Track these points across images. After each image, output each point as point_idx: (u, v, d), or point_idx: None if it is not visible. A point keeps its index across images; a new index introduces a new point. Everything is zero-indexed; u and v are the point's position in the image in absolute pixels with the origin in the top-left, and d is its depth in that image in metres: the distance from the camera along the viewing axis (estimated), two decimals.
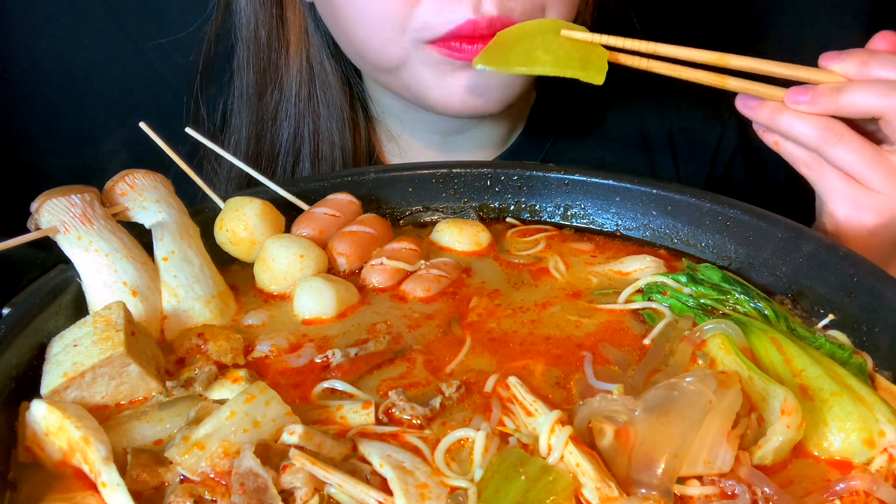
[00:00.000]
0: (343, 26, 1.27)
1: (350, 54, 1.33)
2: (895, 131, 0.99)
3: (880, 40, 1.04)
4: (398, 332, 0.92)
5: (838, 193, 1.03)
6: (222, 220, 1.02)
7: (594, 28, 1.12)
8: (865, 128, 1.03)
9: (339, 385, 0.83)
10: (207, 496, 0.68)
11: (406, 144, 1.47)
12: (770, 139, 1.07)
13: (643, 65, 1.08)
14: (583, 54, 1.09)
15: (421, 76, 1.23)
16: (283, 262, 0.97)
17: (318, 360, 0.87)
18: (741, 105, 1.07)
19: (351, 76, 1.43)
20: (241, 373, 0.82)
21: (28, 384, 0.79)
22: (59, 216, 0.89)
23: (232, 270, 1.02)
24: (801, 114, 1.01)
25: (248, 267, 1.02)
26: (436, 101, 1.26)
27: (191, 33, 1.48)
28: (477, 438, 0.74)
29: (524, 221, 1.16)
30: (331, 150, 1.41)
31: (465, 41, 1.16)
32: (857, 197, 1.01)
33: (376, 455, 0.72)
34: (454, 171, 1.16)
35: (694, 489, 0.69)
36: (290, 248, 0.98)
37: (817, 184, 1.05)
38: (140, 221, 0.96)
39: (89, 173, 1.01)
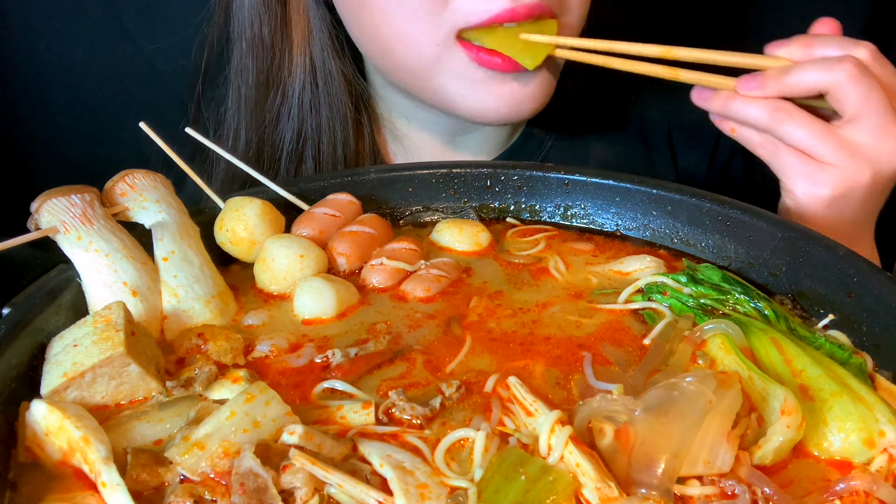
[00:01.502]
0: (375, 22, 1.23)
1: (375, 54, 1.30)
2: (842, 104, 1.02)
3: (821, 25, 1.09)
4: (398, 332, 0.92)
5: (794, 170, 1.06)
6: (222, 220, 1.02)
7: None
8: (815, 111, 1.06)
9: (339, 385, 0.83)
10: (207, 496, 0.68)
11: (411, 144, 1.47)
12: (727, 127, 1.11)
13: (600, 61, 1.15)
14: (528, 44, 1.18)
15: (451, 86, 1.23)
16: (283, 262, 0.97)
17: (318, 360, 0.87)
18: (696, 97, 1.12)
19: (355, 76, 1.42)
20: (241, 373, 0.82)
21: (28, 384, 0.79)
22: (59, 216, 0.89)
23: (232, 270, 1.03)
24: (752, 98, 1.05)
25: (248, 267, 1.02)
26: (467, 111, 1.25)
27: (191, 34, 1.48)
28: (477, 438, 0.74)
29: (524, 221, 1.16)
30: (334, 151, 1.41)
31: (496, 55, 1.17)
32: (812, 172, 1.05)
33: (376, 455, 0.72)
34: (454, 171, 1.16)
35: (694, 489, 0.69)
36: (290, 248, 0.98)
37: (773, 164, 1.09)
38: (140, 221, 0.96)
39: (89, 173, 1.01)
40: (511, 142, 1.49)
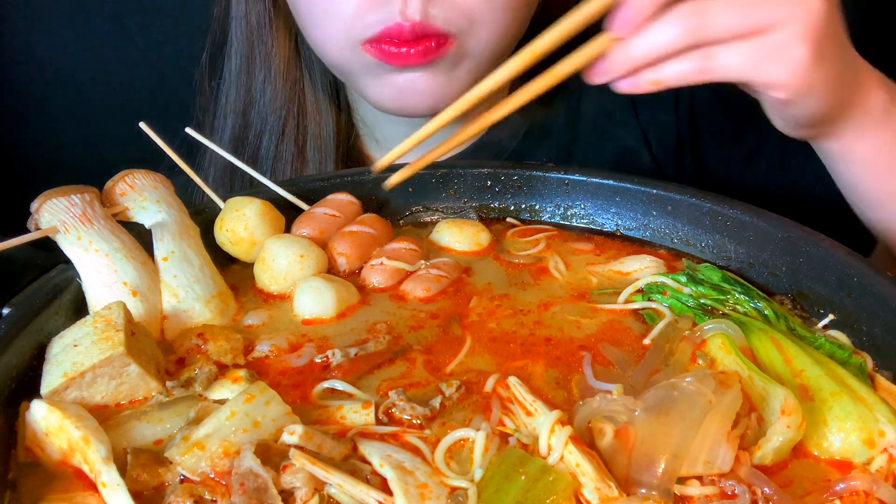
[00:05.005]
0: (300, 19, 1.30)
1: (311, 46, 1.37)
2: None
3: None
4: (398, 332, 0.92)
5: (754, 61, 0.84)
6: (222, 220, 1.02)
7: None
8: None
9: (339, 385, 0.83)
10: (207, 496, 0.68)
11: (381, 133, 1.49)
12: (646, 84, 0.86)
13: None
14: None
15: (358, 76, 1.28)
16: (283, 262, 0.97)
17: (318, 360, 0.87)
18: (596, 78, 0.87)
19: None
20: (241, 373, 0.82)
21: (28, 384, 0.79)
22: (59, 216, 0.89)
23: (232, 270, 1.02)
24: (644, 26, 0.81)
25: (248, 267, 1.02)
26: (371, 99, 1.30)
27: (192, 33, 1.48)
28: (477, 438, 0.74)
29: (524, 221, 1.16)
30: (315, 129, 1.45)
31: (394, 45, 1.17)
32: (772, 47, 0.83)
33: (376, 455, 0.72)
34: (454, 171, 1.16)
35: (694, 489, 0.69)
36: (290, 248, 0.98)
37: (723, 75, 0.86)
38: (140, 221, 0.96)
39: (89, 173, 1.01)
40: (476, 139, 1.48)
